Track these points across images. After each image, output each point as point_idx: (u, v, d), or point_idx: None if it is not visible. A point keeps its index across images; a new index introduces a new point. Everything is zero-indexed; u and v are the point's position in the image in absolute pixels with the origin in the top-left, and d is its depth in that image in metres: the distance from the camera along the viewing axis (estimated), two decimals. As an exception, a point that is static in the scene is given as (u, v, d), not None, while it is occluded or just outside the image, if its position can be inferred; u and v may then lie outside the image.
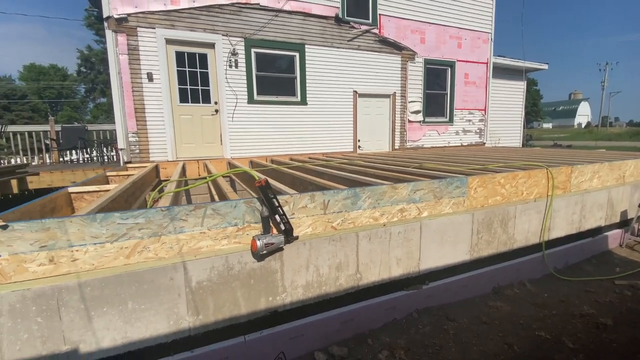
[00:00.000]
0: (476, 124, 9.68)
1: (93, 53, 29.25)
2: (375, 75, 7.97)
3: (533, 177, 3.51)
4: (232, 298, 2.25)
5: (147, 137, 6.03)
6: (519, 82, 10.81)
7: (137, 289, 1.97)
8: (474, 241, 3.20)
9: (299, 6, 6.93)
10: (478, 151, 7.55)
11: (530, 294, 3.31)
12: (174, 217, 2.02)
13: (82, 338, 1.88)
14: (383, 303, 2.72)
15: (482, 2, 9.09)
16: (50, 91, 40.20)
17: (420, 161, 4.94)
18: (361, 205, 2.58)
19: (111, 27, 5.60)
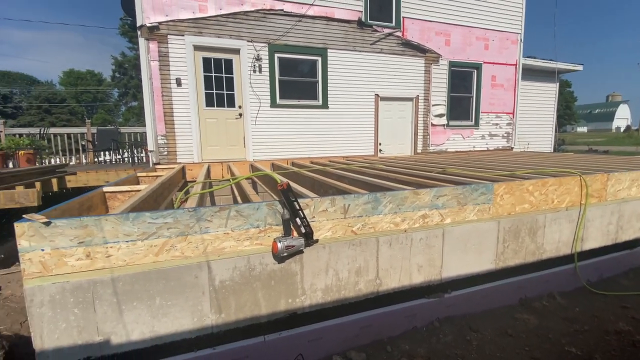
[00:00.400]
0: (503, 128, 9.35)
1: (126, 59, 30.83)
2: (397, 79, 7.89)
3: (565, 185, 3.35)
4: (253, 298, 2.30)
5: (175, 139, 6.28)
6: (551, 84, 10.35)
7: (165, 286, 2.06)
8: (500, 250, 3.10)
9: (322, 11, 7.00)
10: (505, 156, 7.28)
11: (561, 308, 3.15)
12: (200, 218, 2.09)
13: (114, 330, 1.99)
14: (403, 310, 2.69)
15: (512, 2, 8.79)
16: (87, 95, 42.70)
17: (443, 166, 4.84)
18: (382, 210, 2.56)
19: (144, 35, 5.90)
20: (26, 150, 7.11)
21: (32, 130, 8.87)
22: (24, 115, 33.63)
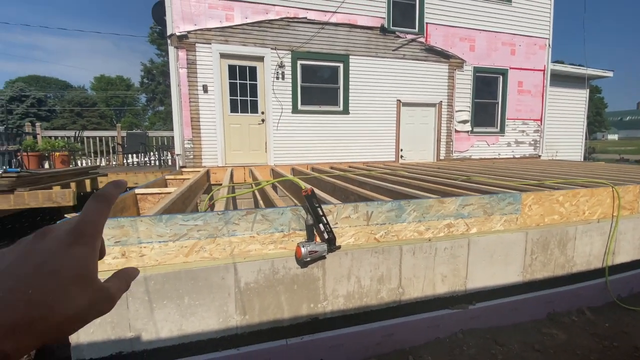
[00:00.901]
0: (530, 135, 9.06)
1: (154, 66, 32.15)
2: (420, 84, 7.83)
3: (597, 196, 3.22)
4: (276, 301, 2.34)
5: (201, 144, 6.49)
6: (580, 91, 9.95)
7: (193, 286, 2.14)
8: (527, 262, 3.00)
9: (345, 18, 7.08)
10: (532, 164, 7.05)
11: (590, 323, 3.01)
12: (228, 221, 2.16)
13: (145, 327, 2.08)
14: (426, 320, 2.65)
15: (539, 6, 8.57)
16: (116, 99, 44.80)
17: (467, 173, 4.75)
18: (406, 219, 2.55)
19: (173, 43, 6.16)
20: (61, 152, 7.53)
21: (68, 133, 9.40)
22: (57, 118, 35.67)
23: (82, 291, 0.30)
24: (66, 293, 0.29)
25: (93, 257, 0.32)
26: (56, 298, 0.29)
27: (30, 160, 7.06)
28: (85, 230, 0.32)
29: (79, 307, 0.30)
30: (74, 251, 0.31)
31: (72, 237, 0.31)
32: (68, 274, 0.30)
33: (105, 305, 0.32)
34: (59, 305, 0.29)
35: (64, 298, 0.29)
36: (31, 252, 0.30)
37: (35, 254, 0.30)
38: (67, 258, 0.30)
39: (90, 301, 0.31)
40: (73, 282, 0.30)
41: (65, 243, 0.31)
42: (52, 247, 0.30)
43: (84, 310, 0.30)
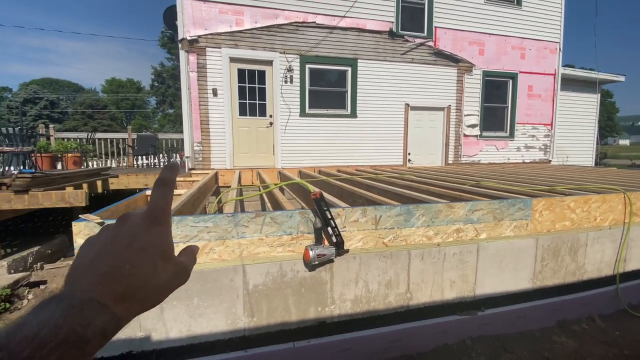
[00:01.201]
0: (541, 140, 8.95)
1: (164, 69, 32.65)
2: (428, 88, 7.81)
3: (608, 202, 3.17)
4: (283, 304, 2.35)
5: (210, 146, 6.56)
6: (592, 95, 9.82)
7: (202, 287, 2.16)
8: (538, 269, 2.96)
9: (354, 23, 7.11)
10: (543, 169, 6.96)
11: (600, 331, 2.96)
12: (238, 223, 2.19)
13: (155, 327, 2.11)
14: (434, 326, 2.63)
15: (550, 10, 8.50)
16: (126, 102, 45.56)
17: (477, 178, 4.71)
18: (414, 223, 2.55)
19: (184, 47, 6.26)
20: (73, 153, 7.68)
21: (80, 134, 9.58)
22: (69, 120, 36.41)
23: (165, 264, 0.36)
24: (154, 266, 0.34)
25: (168, 235, 0.37)
26: (148, 271, 0.34)
27: (43, 161, 7.20)
28: (157, 213, 0.37)
29: (165, 277, 0.35)
30: (153, 231, 0.36)
31: (147, 221, 0.36)
32: (152, 250, 0.35)
33: (183, 276, 0.38)
34: (151, 276, 0.34)
35: (153, 271, 0.34)
36: (118, 235, 0.35)
37: (122, 235, 0.35)
38: (149, 237, 0.35)
39: (173, 272, 0.36)
40: (158, 257, 0.35)
41: (144, 225, 0.36)
42: (134, 229, 0.35)
43: (169, 280, 0.36)
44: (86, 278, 0.32)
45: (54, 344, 0.26)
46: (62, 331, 0.27)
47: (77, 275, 0.33)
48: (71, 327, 0.27)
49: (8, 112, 35.66)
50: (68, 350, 0.26)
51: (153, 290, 0.34)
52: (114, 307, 0.31)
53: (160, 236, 0.36)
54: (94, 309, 0.30)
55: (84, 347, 0.28)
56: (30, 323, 0.27)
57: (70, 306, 0.29)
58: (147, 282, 0.33)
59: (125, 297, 0.32)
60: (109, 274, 0.32)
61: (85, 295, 0.30)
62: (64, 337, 0.27)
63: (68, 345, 0.26)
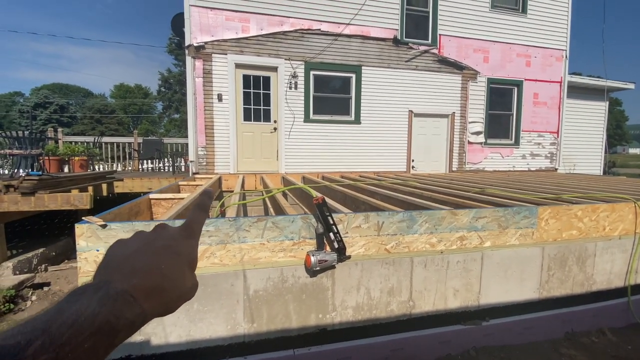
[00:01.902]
0: (547, 148, 8.86)
1: (171, 75, 33.13)
2: (433, 95, 7.81)
3: (618, 211, 3.11)
4: (284, 310, 2.32)
5: (214, 151, 6.60)
6: (600, 103, 9.73)
7: (202, 292, 2.15)
8: (544, 278, 2.90)
9: (358, 30, 7.16)
10: (549, 178, 6.87)
11: (611, 345, 2.87)
12: (239, 227, 2.18)
13: (154, 331, 2.09)
14: (437, 335, 2.58)
15: (555, 17, 8.48)
16: (134, 107, 46.20)
17: (481, 186, 4.66)
18: (417, 230, 2.52)
19: (191, 53, 6.34)
20: (80, 157, 7.77)
21: (87, 138, 9.71)
22: (78, 124, 36.98)
23: (190, 274, 0.38)
24: (182, 273, 0.37)
25: (196, 249, 0.40)
26: (178, 275, 0.36)
27: (51, 164, 7.30)
28: (194, 228, 0.41)
29: (187, 286, 0.37)
30: (188, 242, 0.39)
31: (185, 232, 0.40)
32: (184, 258, 0.38)
33: (194, 291, 0.39)
34: (179, 281, 0.36)
35: (181, 276, 0.37)
36: (158, 237, 0.38)
37: (162, 238, 0.38)
38: (185, 246, 0.38)
39: (192, 284, 0.38)
40: (187, 265, 0.38)
41: (182, 235, 0.39)
42: (174, 236, 0.39)
43: (188, 291, 0.38)
44: (122, 271, 0.33)
45: (89, 332, 0.27)
46: (98, 320, 0.28)
47: (112, 267, 0.34)
48: (106, 317, 0.29)
49: (20, 116, 36.36)
50: (101, 339, 0.28)
51: (176, 295, 0.36)
52: (143, 302, 0.32)
53: (191, 248, 0.39)
54: (127, 301, 0.31)
55: (114, 337, 0.29)
56: (69, 310, 0.28)
57: (106, 296, 0.30)
58: (175, 286, 0.35)
59: (154, 294, 0.33)
60: (145, 270, 0.34)
61: (120, 286, 0.32)
62: (99, 326, 0.28)
63: (101, 334, 0.28)
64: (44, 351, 0.25)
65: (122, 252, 0.36)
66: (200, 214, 0.42)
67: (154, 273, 0.34)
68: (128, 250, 0.36)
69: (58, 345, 0.25)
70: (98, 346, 0.28)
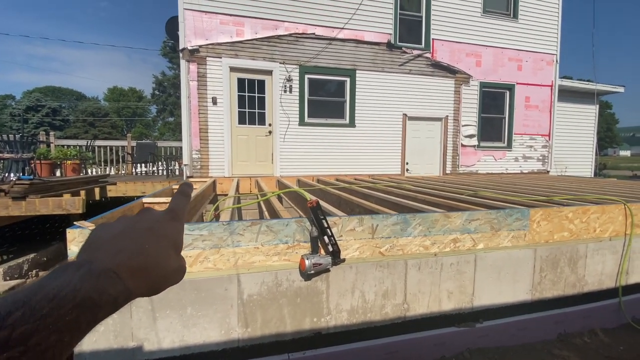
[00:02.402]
0: (538, 150, 8.99)
1: (166, 78, 33.00)
2: (426, 99, 7.88)
3: (608, 213, 3.16)
4: (278, 314, 2.31)
5: (208, 154, 6.58)
6: (590, 106, 9.90)
7: (196, 296, 2.13)
8: (537, 280, 2.93)
9: (352, 34, 7.22)
10: (540, 180, 6.96)
11: (603, 345, 2.90)
12: (233, 232, 2.17)
13: (147, 337, 2.07)
14: (432, 337, 2.59)
15: (546, 22, 8.64)
16: (127, 110, 45.87)
17: (474, 188, 4.70)
18: (411, 232, 2.53)
19: (185, 57, 6.34)
20: (73, 161, 7.69)
21: (79, 142, 9.61)
22: (70, 128, 36.59)
23: (176, 255, 0.39)
24: (168, 254, 0.38)
25: (182, 232, 0.41)
26: (162, 255, 0.37)
27: (42, 168, 7.21)
28: (178, 211, 0.42)
29: (172, 268, 0.38)
30: (173, 224, 0.40)
31: (169, 215, 0.41)
32: (170, 239, 0.39)
33: (180, 274, 0.40)
34: (164, 261, 0.37)
35: (166, 257, 0.37)
36: (143, 219, 0.39)
37: (147, 220, 0.39)
38: (169, 228, 0.39)
39: (178, 266, 0.39)
40: (171, 246, 0.38)
41: (166, 218, 0.40)
42: (158, 218, 0.40)
43: (173, 272, 0.38)
44: (105, 250, 0.34)
45: (70, 305, 0.28)
46: (79, 295, 0.28)
47: (95, 247, 0.35)
48: (88, 292, 0.29)
49: (11, 120, 35.89)
50: (82, 313, 0.28)
51: (161, 276, 0.37)
52: (127, 281, 0.33)
53: (176, 230, 0.40)
54: (110, 278, 0.31)
55: (97, 313, 0.30)
56: (50, 285, 0.28)
57: (88, 273, 0.30)
58: (159, 266, 0.36)
59: (138, 274, 0.34)
60: (129, 250, 0.34)
61: (102, 265, 0.32)
62: (80, 301, 0.28)
63: (83, 309, 0.28)
64: (24, 322, 0.25)
65: (106, 233, 0.36)
66: (182, 198, 0.44)
67: (138, 253, 0.35)
68: (112, 232, 0.36)
69: (38, 317, 0.26)
70: (80, 320, 0.28)
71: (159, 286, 0.37)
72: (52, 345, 0.26)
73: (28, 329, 0.25)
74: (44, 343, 0.25)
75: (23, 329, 0.25)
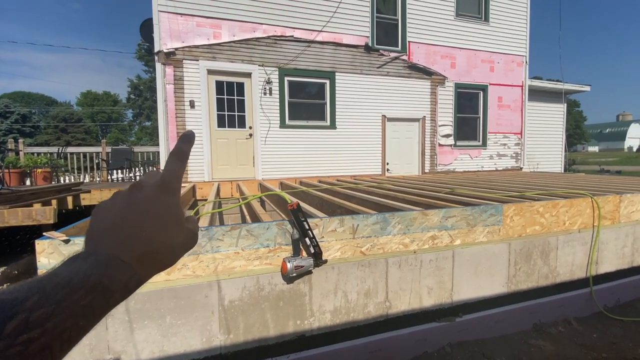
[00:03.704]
0: (512, 148, 9.34)
1: (141, 82, 32.11)
2: (404, 100, 8.04)
3: (576, 206, 3.32)
4: (261, 319, 2.30)
5: (187, 159, 6.44)
6: (558, 105, 10.39)
7: (175, 305, 2.09)
8: (512, 273, 3.04)
9: (331, 37, 7.28)
10: (514, 176, 7.24)
11: (577, 334, 3.04)
12: (212, 237, 2.14)
13: (124, 349, 2.00)
14: (413, 334, 2.64)
15: (515, 26, 9.02)
16: (102, 115, 44.28)
17: (451, 186, 4.84)
18: (391, 231, 2.57)
19: (161, 60, 6.19)
20: (43, 169, 7.34)
21: (51, 149, 9.19)
22: (41, 134, 34.92)
23: (177, 230, 0.39)
24: (168, 232, 0.38)
25: (179, 204, 0.40)
26: (164, 235, 0.37)
27: (11, 177, 6.84)
28: (170, 183, 0.39)
29: (178, 242, 0.39)
30: (166, 199, 0.38)
31: (161, 189, 0.39)
32: (166, 217, 0.38)
33: (193, 240, 0.41)
34: (166, 240, 0.37)
35: (168, 235, 0.38)
36: (135, 203, 0.38)
37: (139, 203, 0.38)
38: (162, 205, 0.38)
39: (184, 237, 0.40)
40: (171, 223, 0.38)
41: (157, 194, 0.38)
42: (150, 197, 0.38)
43: (181, 245, 0.39)
44: (108, 240, 0.35)
45: (84, 290, 0.29)
46: (91, 280, 0.30)
47: (98, 237, 0.35)
48: (99, 278, 0.30)
49: (-24, 127, 33.89)
50: (95, 298, 0.29)
51: (168, 252, 0.38)
52: (135, 267, 0.34)
53: (172, 205, 0.39)
54: (118, 265, 0.33)
55: (109, 297, 0.31)
56: (62, 272, 0.30)
57: (96, 261, 0.32)
58: (164, 245, 0.37)
59: (144, 258, 0.35)
60: (130, 237, 0.35)
61: (108, 254, 0.33)
62: (93, 286, 0.29)
63: (96, 293, 0.29)
64: (40, 306, 0.26)
65: (106, 219, 0.36)
66: (177, 164, 0.40)
67: (140, 238, 0.35)
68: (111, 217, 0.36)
69: (54, 301, 0.27)
70: (94, 304, 0.29)
71: (170, 261, 0.39)
72: (68, 327, 0.27)
73: (45, 312, 0.26)
74: (60, 326, 0.27)
75: (40, 313, 0.26)
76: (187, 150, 0.41)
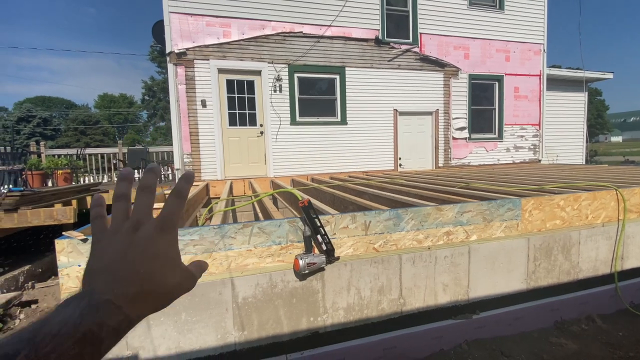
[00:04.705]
0: (529, 140, 9.04)
1: (155, 83, 32.73)
2: (416, 93, 7.89)
3: (599, 199, 3.18)
4: (274, 316, 2.30)
5: (200, 158, 6.53)
6: (579, 94, 9.97)
7: (190, 302, 2.11)
8: (531, 269, 2.95)
9: (340, 31, 7.19)
10: (532, 169, 7.01)
11: (602, 332, 2.92)
12: (224, 235, 2.15)
13: (142, 345, 2.05)
14: (429, 331, 2.59)
15: (532, 13, 8.68)
16: (119, 117, 45.46)
17: (466, 180, 4.72)
18: (404, 227, 2.53)
19: (172, 60, 6.27)
20: (64, 170, 7.59)
21: (70, 151, 9.50)
22: (62, 137, 36.17)
23: (173, 270, 0.39)
24: (164, 272, 0.38)
25: (176, 243, 0.40)
26: (159, 276, 0.37)
27: (34, 178, 7.11)
28: (168, 222, 0.39)
29: (173, 282, 0.39)
30: (164, 239, 0.39)
31: (159, 229, 0.39)
32: (163, 258, 0.38)
33: (188, 283, 0.41)
34: (162, 281, 0.37)
35: (163, 276, 0.38)
36: (133, 243, 0.38)
37: (137, 243, 0.38)
38: (160, 245, 0.38)
39: (180, 278, 0.40)
40: (167, 263, 0.38)
41: (155, 234, 0.38)
42: (148, 237, 0.38)
43: (177, 286, 0.39)
44: (103, 280, 0.35)
45: (72, 341, 0.29)
46: (80, 330, 0.29)
47: (94, 277, 0.36)
48: (88, 326, 0.30)
49: (3, 132, 35.39)
50: (85, 347, 0.29)
51: (163, 294, 0.38)
52: (127, 309, 0.34)
53: (169, 245, 0.39)
54: (109, 310, 0.32)
55: (99, 345, 0.31)
56: (53, 321, 0.30)
57: (88, 306, 0.32)
58: (158, 286, 0.37)
59: (138, 300, 0.35)
60: (125, 278, 0.35)
61: (102, 296, 0.33)
62: (82, 336, 0.29)
63: (85, 343, 0.29)
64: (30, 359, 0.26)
65: (104, 257, 0.37)
66: (176, 202, 0.41)
67: (134, 279, 0.35)
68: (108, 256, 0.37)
69: (42, 354, 0.27)
70: (84, 353, 0.29)
71: (164, 302, 0.38)
72: None
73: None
74: None
75: None
76: (185, 188, 0.42)
